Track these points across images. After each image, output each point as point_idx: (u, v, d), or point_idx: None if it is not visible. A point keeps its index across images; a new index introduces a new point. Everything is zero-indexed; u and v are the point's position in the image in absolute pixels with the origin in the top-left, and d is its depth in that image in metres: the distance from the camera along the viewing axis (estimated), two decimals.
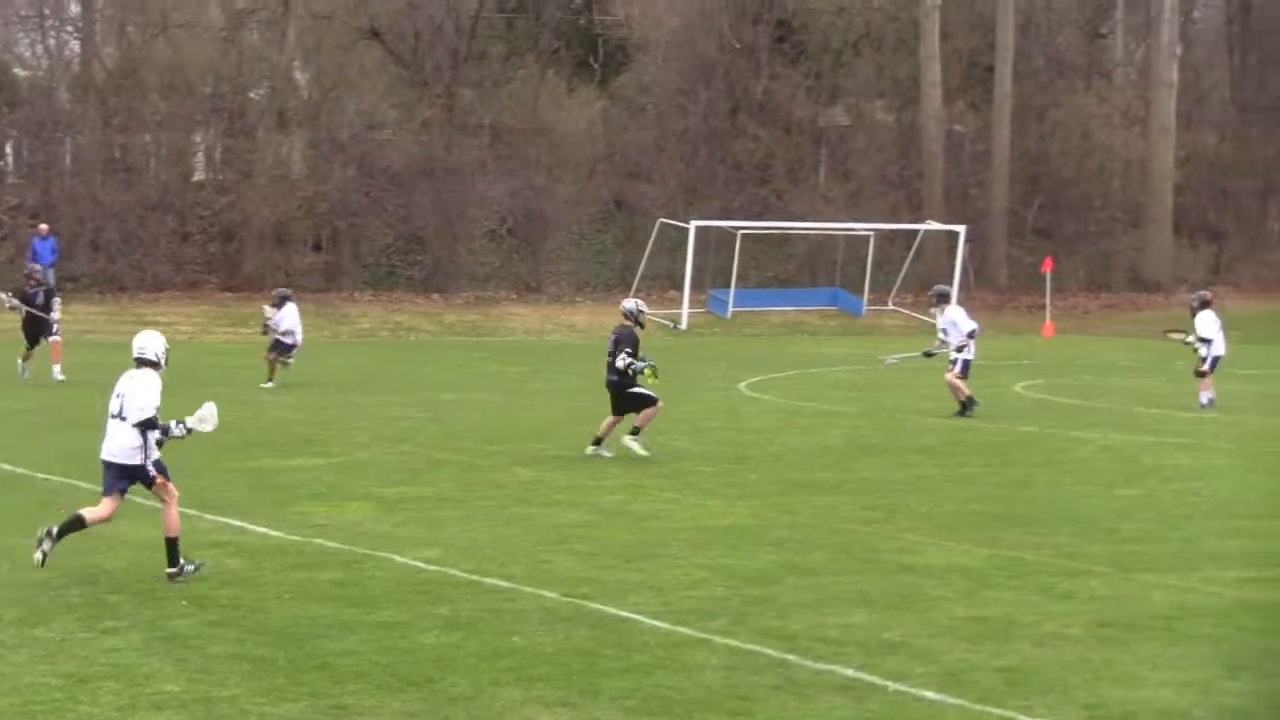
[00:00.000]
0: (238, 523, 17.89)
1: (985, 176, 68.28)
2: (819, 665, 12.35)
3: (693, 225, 57.59)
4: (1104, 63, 77.42)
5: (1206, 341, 31.71)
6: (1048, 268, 59.39)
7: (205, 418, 15.55)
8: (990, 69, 67.71)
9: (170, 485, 15.27)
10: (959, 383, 29.74)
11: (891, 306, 61.50)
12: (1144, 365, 44.52)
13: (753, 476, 22.37)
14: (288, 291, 35.46)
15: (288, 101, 62.59)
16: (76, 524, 15.35)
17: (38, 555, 15.12)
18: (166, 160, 61.30)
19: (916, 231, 63.23)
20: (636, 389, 24.04)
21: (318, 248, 61.54)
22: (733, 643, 12.97)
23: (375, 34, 64.97)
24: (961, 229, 60.88)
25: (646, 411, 24.10)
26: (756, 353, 44.93)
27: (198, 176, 62.14)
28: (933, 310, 30.74)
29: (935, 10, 65.81)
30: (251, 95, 62.60)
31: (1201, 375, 31.94)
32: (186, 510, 18.24)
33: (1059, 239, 68.63)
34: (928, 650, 12.82)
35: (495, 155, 63.81)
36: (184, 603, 14.09)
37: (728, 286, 59.36)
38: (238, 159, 60.72)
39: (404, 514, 18.93)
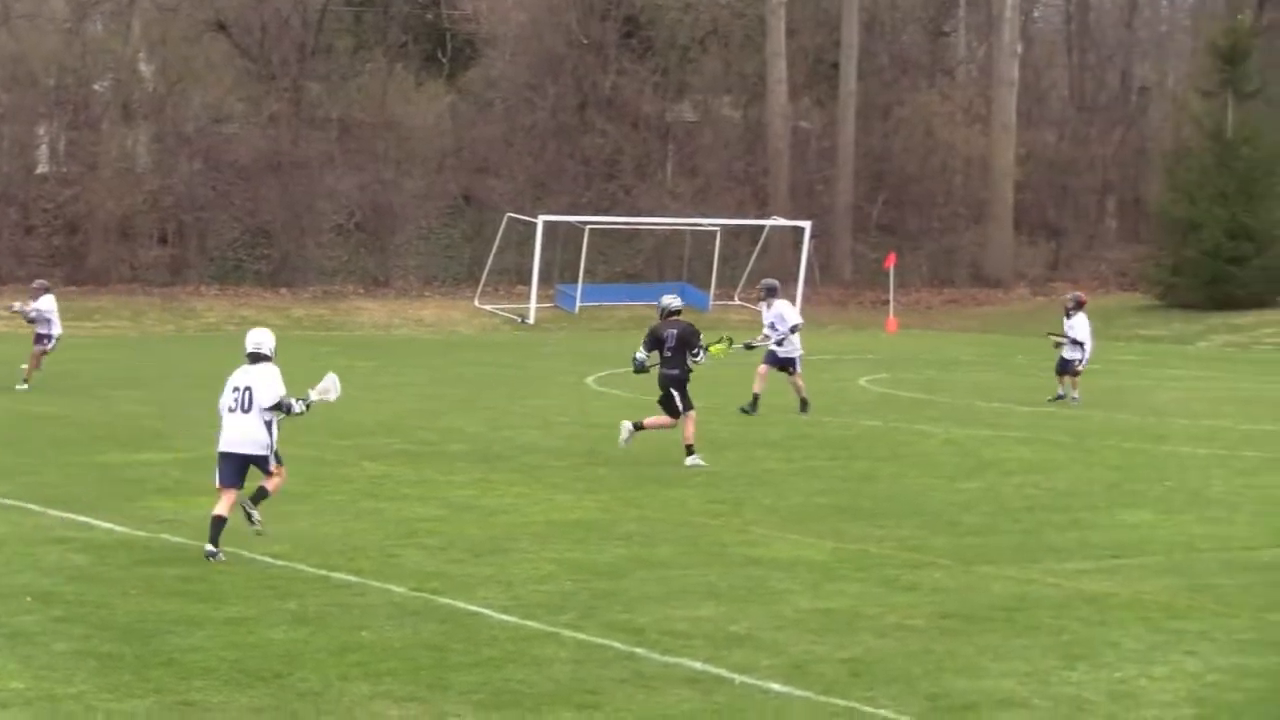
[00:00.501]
0: (83, 518, 17.72)
1: (830, 173, 68.81)
2: (667, 658, 12.43)
3: (540, 220, 57.61)
4: (947, 61, 78.26)
5: (1079, 345, 32.14)
6: (891, 263, 59.96)
7: (327, 389, 16.33)
8: (835, 66, 68.26)
9: (283, 470, 16.23)
10: (800, 382, 29.79)
11: (738, 301, 61.81)
12: (985, 360, 45.07)
13: (601, 471, 22.43)
14: (47, 282, 34.85)
15: (133, 94, 61.98)
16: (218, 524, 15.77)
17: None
18: (9, 153, 60.60)
19: (762, 227, 63.65)
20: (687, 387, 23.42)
21: (164, 241, 61.07)
22: (581, 636, 13.04)
23: (221, 27, 64.50)
24: (807, 224, 61.28)
25: (688, 426, 23.31)
26: (604, 347, 44.96)
27: (41, 169, 61.45)
28: (761, 304, 30.67)
29: (781, 7, 66.23)
30: (96, 87, 61.97)
31: (1063, 374, 32.33)
32: (30, 506, 18.15)
33: (903, 235, 69.35)
34: (774, 642, 12.95)
35: (343, 149, 63.58)
36: (28, 599, 13.95)
37: (575, 281, 59.43)
38: (82, 151, 60.09)
39: None
